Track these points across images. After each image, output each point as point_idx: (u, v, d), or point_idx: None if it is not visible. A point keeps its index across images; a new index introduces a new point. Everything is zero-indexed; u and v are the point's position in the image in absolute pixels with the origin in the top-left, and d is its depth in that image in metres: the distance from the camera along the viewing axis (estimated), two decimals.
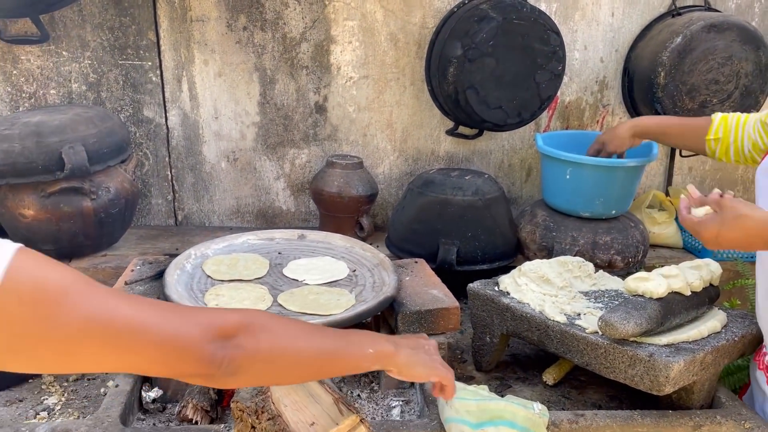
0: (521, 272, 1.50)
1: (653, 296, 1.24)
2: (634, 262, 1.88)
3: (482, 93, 1.90)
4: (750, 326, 1.31)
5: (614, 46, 2.15)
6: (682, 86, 1.98)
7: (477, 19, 1.85)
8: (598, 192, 1.86)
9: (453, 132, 2.11)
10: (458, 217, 1.85)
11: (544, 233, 1.91)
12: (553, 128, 2.21)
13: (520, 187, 2.26)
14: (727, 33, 1.95)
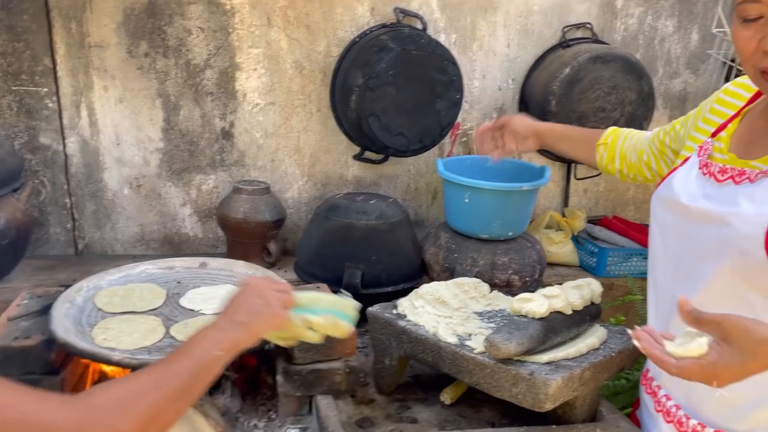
0: (418, 295, 1.55)
1: (536, 316, 1.31)
2: (532, 280, 1.97)
3: (384, 120, 1.96)
4: (627, 342, 1.40)
5: (511, 75, 2.26)
6: (572, 113, 2.11)
7: (377, 50, 1.91)
8: (495, 214, 1.95)
9: (359, 157, 2.16)
10: (363, 241, 1.88)
11: (447, 255, 1.98)
12: (457, 153, 2.29)
13: (427, 210, 2.33)
14: (611, 64, 2.09)
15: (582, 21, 2.25)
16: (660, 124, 2.41)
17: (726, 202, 0.99)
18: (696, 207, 1.04)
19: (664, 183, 1.15)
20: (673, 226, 1.09)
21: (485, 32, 2.20)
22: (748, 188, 0.98)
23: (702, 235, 1.01)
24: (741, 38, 0.96)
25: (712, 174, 1.06)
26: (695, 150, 1.14)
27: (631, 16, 2.29)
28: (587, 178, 2.41)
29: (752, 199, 0.95)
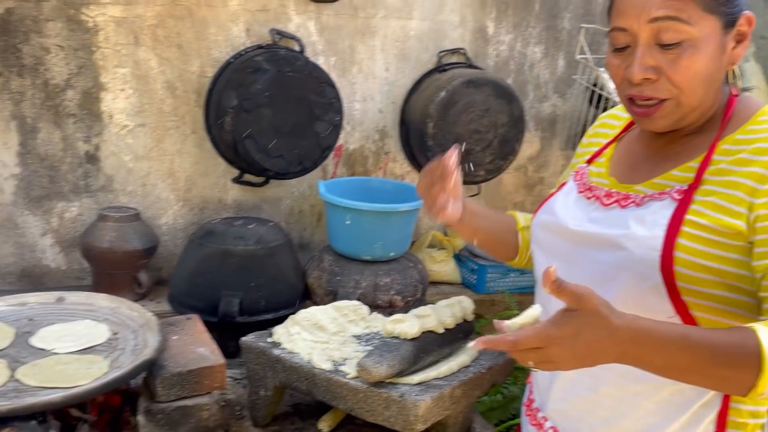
0: (294, 321, 1.51)
1: (407, 337, 1.31)
2: (414, 300, 1.99)
3: (261, 142, 1.92)
4: (498, 357, 1.43)
5: (391, 98, 2.29)
6: (449, 135, 2.16)
7: (251, 71, 1.87)
8: (376, 236, 1.95)
9: (239, 180, 2.10)
10: (240, 268, 1.82)
11: (330, 278, 1.95)
12: (340, 175, 2.29)
13: (312, 232, 2.30)
14: (483, 88, 2.16)
15: (456, 46, 2.32)
16: (532, 145, 2.54)
17: (616, 226, 0.97)
18: (585, 231, 1.01)
19: (544, 209, 1.13)
20: (561, 253, 1.05)
21: (364, 56, 2.22)
22: (636, 212, 0.97)
23: (594, 260, 0.98)
24: (611, 66, 0.98)
25: (597, 197, 1.05)
26: (571, 175, 1.15)
27: (502, 43, 2.39)
28: (468, 198, 2.47)
29: (643, 222, 0.95)
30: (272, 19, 2.05)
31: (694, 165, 0.96)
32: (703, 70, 0.91)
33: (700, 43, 0.90)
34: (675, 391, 0.94)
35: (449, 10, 2.29)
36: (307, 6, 2.09)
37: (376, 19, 2.20)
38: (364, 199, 2.12)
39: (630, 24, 0.92)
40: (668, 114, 0.95)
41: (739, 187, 0.89)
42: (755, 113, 0.95)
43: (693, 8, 0.89)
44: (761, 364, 0.78)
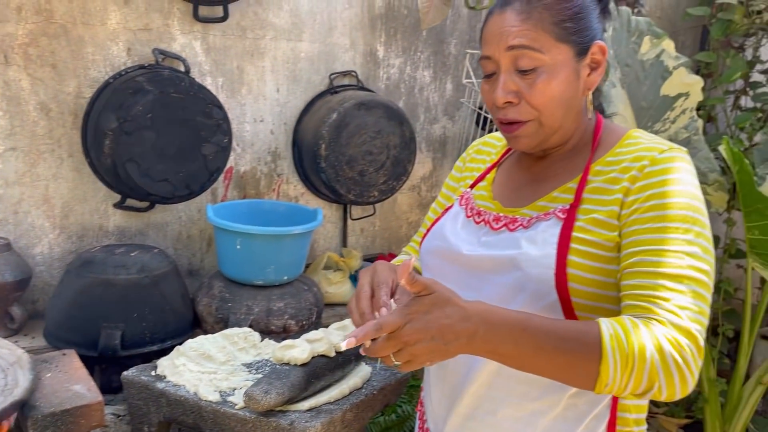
0: (180, 352, 1.45)
1: (298, 363, 1.29)
2: (309, 323, 1.96)
3: (144, 166, 1.84)
4: (390, 377, 1.44)
5: (282, 120, 2.27)
6: (341, 157, 2.17)
7: (132, 92, 1.80)
8: (269, 260, 1.91)
9: (121, 205, 2.00)
10: (122, 298, 1.73)
11: (221, 305, 1.89)
12: (231, 198, 2.23)
13: (201, 258, 2.22)
14: (374, 110, 2.19)
15: (348, 69, 2.35)
16: (424, 166, 2.60)
17: (509, 248, 1.00)
18: (480, 255, 1.03)
19: (433, 234, 1.14)
20: (455, 278, 1.04)
21: (254, 77, 2.19)
22: (526, 233, 1.00)
23: (491, 283, 1.01)
24: (483, 92, 1.05)
25: (486, 222, 1.07)
26: (456, 200, 1.17)
27: (392, 66, 2.44)
28: (363, 218, 2.49)
29: (534, 242, 0.98)
30: (155, 39, 1.99)
31: (572, 186, 1.02)
32: (559, 93, 0.99)
33: (554, 69, 0.98)
34: (569, 405, 0.99)
35: (339, 34, 2.32)
36: (193, 26, 2.04)
37: (266, 41, 2.19)
38: (256, 222, 2.08)
39: (492, 52, 1.00)
40: (531, 134, 1.01)
41: (612, 203, 0.96)
42: (621, 137, 1.03)
43: (545, 38, 0.97)
44: (602, 351, 0.82)
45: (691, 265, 0.88)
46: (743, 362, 2.32)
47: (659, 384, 0.83)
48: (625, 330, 0.83)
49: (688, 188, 0.93)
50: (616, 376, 0.83)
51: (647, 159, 0.95)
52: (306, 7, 2.23)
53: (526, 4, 0.99)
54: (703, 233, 0.91)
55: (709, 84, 2.74)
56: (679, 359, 0.83)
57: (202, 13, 2.02)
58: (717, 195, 2.24)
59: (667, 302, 0.86)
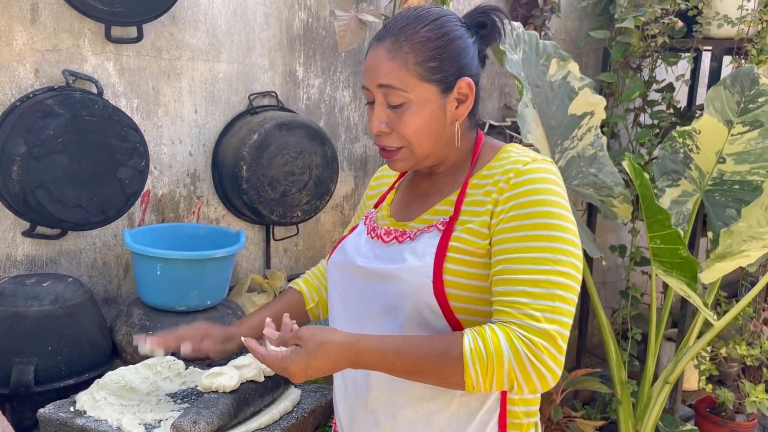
0: (100, 385, 1.39)
1: (226, 390, 1.27)
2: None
3: (56, 192, 1.76)
4: (320, 399, 1.44)
5: (201, 141, 2.24)
6: (263, 178, 2.15)
7: (42, 115, 1.73)
8: (191, 285, 1.87)
9: (31, 233, 1.90)
10: (35, 331, 1.65)
11: (140, 333, 1.83)
12: (149, 222, 2.17)
13: (118, 285, 2.14)
14: (296, 131, 2.20)
15: (267, 89, 2.34)
16: (347, 185, 2.63)
17: (394, 260, 1.09)
18: (370, 267, 1.12)
19: (338, 249, 1.23)
20: (353, 288, 1.15)
21: (170, 98, 2.15)
22: (410, 245, 1.10)
23: (380, 293, 1.09)
24: (367, 118, 1.14)
25: (379, 236, 1.17)
26: (362, 219, 1.27)
27: (312, 87, 2.46)
28: (286, 239, 2.48)
29: (415, 254, 1.07)
30: (65, 60, 1.92)
31: (452, 199, 1.12)
32: (425, 126, 1.08)
33: (418, 105, 1.07)
34: (462, 403, 1.08)
35: (258, 54, 2.31)
36: (105, 46, 1.98)
37: (182, 61, 2.15)
38: (176, 246, 2.03)
39: (368, 85, 1.09)
40: (406, 158, 1.11)
41: (484, 213, 1.06)
42: (497, 152, 1.13)
43: (409, 78, 1.06)
44: (464, 364, 0.95)
45: (550, 270, 0.98)
46: (651, 364, 2.47)
47: (518, 382, 0.95)
48: (484, 340, 0.95)
49: (549, 197, 1.02)
50: (479, 381, 0.95)
51: (513, 171, 1.05)
52: (223, 27, 2.22)
53: (394, 43, 1.06)
54: (563, 237, 1.00)
55: (611, 102, 2.92)
56: (533, 359, 0.94)
57: (115, 34, 1.97)
58: (622, 207, 2.39)
59: (525, 308, 0.96)
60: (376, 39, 1.09)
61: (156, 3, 1.94)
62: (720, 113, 2.29)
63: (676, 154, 2.37)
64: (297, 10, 2.38)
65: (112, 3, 1.84)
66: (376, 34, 1.11)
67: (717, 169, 2.33)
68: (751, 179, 2.26)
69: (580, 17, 3.22)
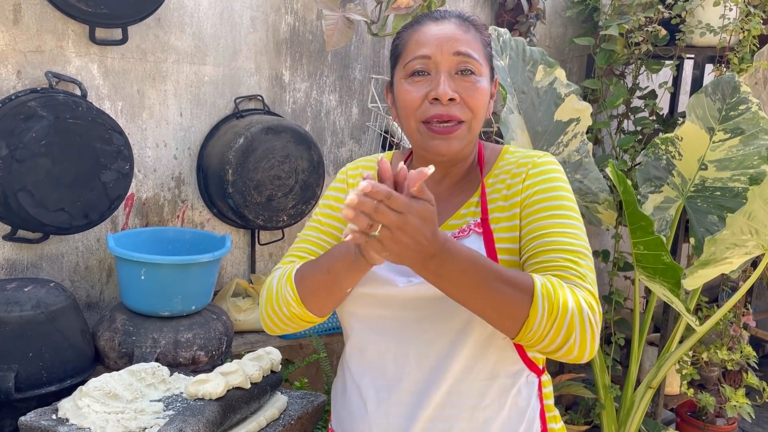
0: (83, 393, 1.37)
1: (212, 397, 1.26)
2: (219, 354, 1.91)
3: (38, 196, 1.74)
4: (307, 406, 1.43)
5: (186, 144, 2.22)
6: (249, 182, 2.14)
7: (24, 118, 1.70)
8: (176, 290, 1.85)
9: (11, 237, 1.87)
10: (16, 337, 1.62)
11: (124, 338, 1.81)
12: (132, 226, 2.15)
13: (101, 290, 2.12)
14: (282, 135, 2.19)
15: (253, 93, 2.33)
16: None
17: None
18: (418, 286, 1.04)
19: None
20: (390, 312, 1.07)
21: (155, 101, 2.13)
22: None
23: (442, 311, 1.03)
24: (407, 93, 1.08)
25: None
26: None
27: (298, 90, 2.45)
28: (271, 243, 2.46)
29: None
30: (48, 61, 1.89)
31: (476, 200, 1.11)
32: (485, 101, 1.10)
33: (483, 80, 1.09)
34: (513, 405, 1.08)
35: (244, 58, 2.30)
36: (89, 48, 1.96)
37: (168, 64, 2.13)
38: (160, 250, 2.01)
39: (434, 53, 1.06)
40: (462, 136, 1.09)
41: (513, 206, 1.08)
42: (499, 153, 1.17)
43: (481, 54, 1.09)
44: (533, 296, 0.92)
45: (580, 243, 1.02)
46: (634, 368, 2.49)
47: (575, 337, 0.93)
48: (553, 284, 0.94)
49: (564, 184, 1.09)
50: (542, 322, 0.92)
51: (530, 164, 1.11)
52: (209, 30, 2.20)
53: (463, 21, 1.10)
54: (577, 216, 1.06)
55: (595, 109, 2.95)
56: (593, 319, 0.95)
57: (99, 35, 1.94)
58: (607, 213, 2.41)
59: (575, 272, 0.98)
60: (434, 17, 1.10)
61: (141, 5, 1.92)
62: (702, 120, 2.32)
63: (659, 161, 2.40)
64: (284, 13, 2.37)
65: (96, 4, 1.82)
66: (428, 14, 1.11)
67: (699, 175, 2.36)
68: (733, 186, 2.29)
69: (564, 24, 3.25)
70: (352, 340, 1.14)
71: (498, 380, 1.07)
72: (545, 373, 1.15)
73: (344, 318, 1.15)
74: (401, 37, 1.12)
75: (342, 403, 1.16)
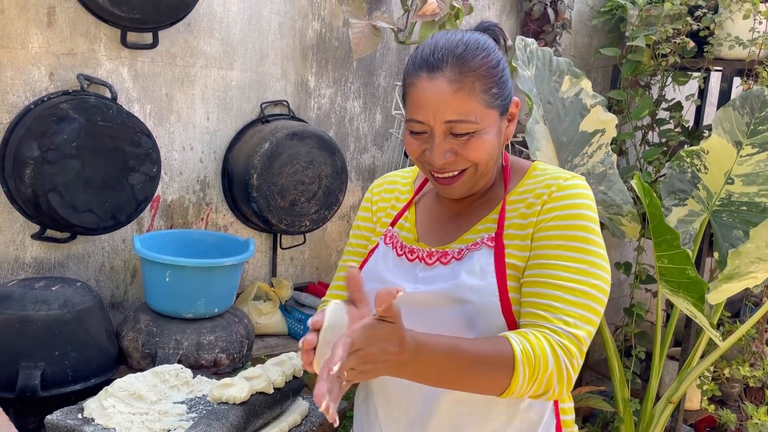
0: (108, 393, 1.39)
1: (236, 401, 1.27)
2: (240, 356, 1.93)
3: (68, 197, 1.77)
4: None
5: (212, 148, 2.24)
6: (273, 186, 2.16)
7: (56, 119, 1.73)
8: (199, 292, 1.87)
9: (40, 236, 1.90)
10: (43, 335, 1.64)
11: (147, 339, 1.83)
12: (157, 227, 2.17)
13: (125, 290, 2.14)
14: (307, 140, 2.20)
15: (279, 98, 2.35)
16: (354, 194, 2.63)
17: (450, 281, 1.05)
18: (424, 292, 1.06)
19: (367, 277, 1.10)
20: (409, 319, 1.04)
21: (183, 104, 2.15)
22: (463, 265, 1.06)
23: (439, 317, 1.04)
24: (409, 144, 1.09)
25: (421, 259, 1.12)
26: (380, 240, 1.19)
27: (323, 96, 2.46)
28: (293, 247, 2.48)
29: (473, 273, 1.04)
30: (80, 64, 1.92)
31: (493, 217, 1.11)
32: (490, 149, 1.07)
33: (484, 131, 1.06)
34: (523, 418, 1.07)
35: (271, 63, 2.32)
36: (120, 51, 1.99)
37: (196, 68, 2.16)
38: (184, 252, 2.03)
39: (427, 119, 1.05)
40: (467, 181, 1.08)
41: (528, 226, 1.07)
42: (527, 170, 1.14)
43: (478, 107, 1.04)
44: (515, 366, 0.92)
45: (584, 281, 1.00)
46: (654, 383, 2.47)
47: (553, 387, 0.96)
48: (530, 344, 0.94)
49: (588, 212, 1.06)
50: (523, 384, 0.94)
51: (555, 186, 1.08)
52: (238, 36, 2.23)
53: (458, 73, 1.03)
54: (598, 252, 1.03)
55: (620, 120, 2.93)
56: (569, 365, 0.96)
57: (131, 39, 1.97)
58: (630, 225, 2.39)
59: (559, 312, 0.98)
60: (427, 68, 1.04)
61: (172, 10, 1.94)
62: (729, 134, 2.30)
63: (684, 174, 2.38)
64: (311, 20, 2.39)
65: (129, 9, 1.85)
66: (421, 64, 1.06)
67: (725, 189, 2.34)
68: (760, 201, 2.26)
69: (590, 34, 3.23)
70: None
71: None
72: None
73: None
74: (404, 81, 1.10)
75: (363, 409, 1.17)
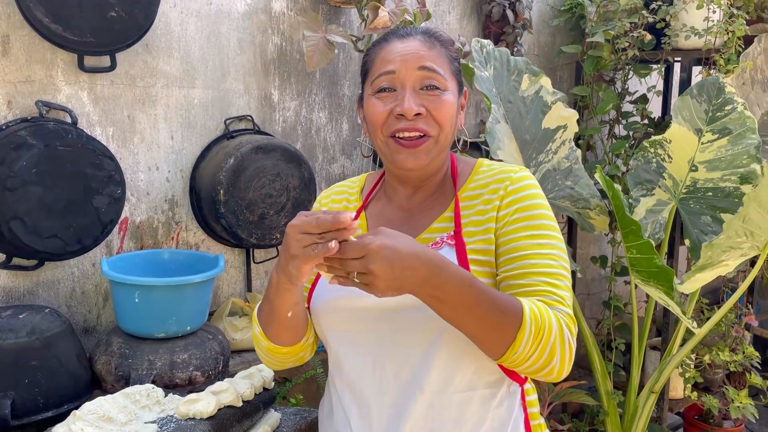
0: (76, 417, 1.38)
1: (203, 416, 1.26)
2: (215, 373, 1.92)
3: (31, 223, 1.76)
4: (300, 422, 1.44)
5: (178, 167, 2.24)
6: (241, 201, 2.16)
7: (14, 147, 1.73)
8: (170, 311, 1.87)
9: (6, 265, 1.89)
10: (11, 364, 1.63)
11: (120, 361, 1.82)
12: (127, 249, 2.16)
13: (98, 314, 2.13)
14: (272, 153, 2.21)
15: (243, 113, 2.35)
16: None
17: None
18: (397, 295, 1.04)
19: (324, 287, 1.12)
20: (364, 325, 1.08)
21: (146, 125, 2.15)
22: None
23: (408, 317, 1.05)
24: (374, 107, 1.10)
25: None
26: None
27: (288, 109, 2.47)
28: (266, 261, 2.47)
29: None
30: (38, 91, 1.92)
31: (449, 215, 1.12)
32: (451, 114, 1.11)
33: (449, 94, 1.10)
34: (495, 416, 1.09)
35: (233, 79, 2.33)
36: (78, 76, 1.99)
37: (157, 88, 2.16)
38: (155, 272, 2.03)
39: (398, 68, 1.08)
40: (429, 150, 1.10)
41: (488, 221, 1.09)
42: (473, 167, 1.18)
43: (446, 69, 1.11)
44: (522, 319, 0.94)
45: (559, 265, 1.04)
46: (636, 373, 2.48)
47: (556, 360, 0.96)
48: (539, 309, 0.96)
49: (542, 200, 1.11)
50: (527, 345, 0.94)
51: (507, 179, 1.11)
52: (197, 54, 2.23)
53: (428, 37, 1.12)
54: (557, 236, 1.08)
55: (586, 115, 2.96)
56: (571, 340, 0.98)
57: (89, 63, 1.97)
58: (599, 218, 2.41)
59: (555, 295, 1.01)
60: (398, 35, 1.12)
61: (126, 32, 1.95)
62: (689, 122, 2.33)
63: (649, 164, 2.41)
64: (270, 34, 2.40)
65: (82, 33, 1.85)
66: (395, 32, 1.13)
67: (690, 177, 2.37)
68: (724, 186, 2.29)
69: (552, 33, 3.27)
70: (332, 357, 1.15)
71: (478, 391, 1.07)
72: (528, 381, 1.15)
73: (321, 334, 1.17)
74: (369, 55, 1.14)
75: (329, 423, 1.16)
